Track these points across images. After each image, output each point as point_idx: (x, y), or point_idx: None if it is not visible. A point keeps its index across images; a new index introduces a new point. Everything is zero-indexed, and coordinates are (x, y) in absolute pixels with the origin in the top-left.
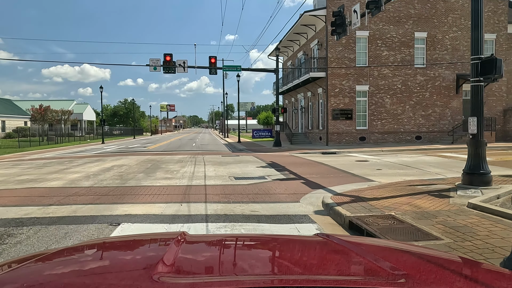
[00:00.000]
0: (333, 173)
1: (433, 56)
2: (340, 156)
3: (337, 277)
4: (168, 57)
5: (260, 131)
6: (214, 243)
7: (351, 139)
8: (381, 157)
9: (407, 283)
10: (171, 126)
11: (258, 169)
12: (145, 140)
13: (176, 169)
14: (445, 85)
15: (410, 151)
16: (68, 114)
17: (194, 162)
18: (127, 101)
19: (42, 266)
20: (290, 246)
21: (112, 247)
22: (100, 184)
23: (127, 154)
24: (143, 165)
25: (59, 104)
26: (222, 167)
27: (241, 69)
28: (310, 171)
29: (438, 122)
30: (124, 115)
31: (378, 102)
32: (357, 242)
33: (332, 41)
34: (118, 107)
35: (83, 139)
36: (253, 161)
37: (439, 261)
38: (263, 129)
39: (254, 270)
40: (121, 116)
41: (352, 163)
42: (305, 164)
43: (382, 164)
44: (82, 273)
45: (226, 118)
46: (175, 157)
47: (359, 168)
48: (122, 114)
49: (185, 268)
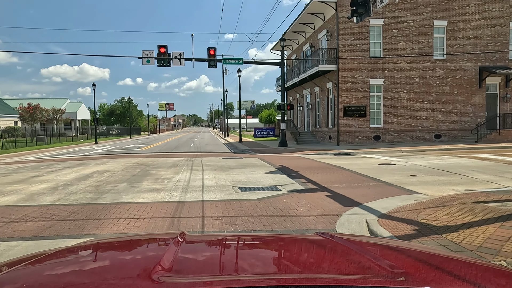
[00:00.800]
0: (360, 181)
1: (453, 47)
2: (357, 158)
3: (337, 275)
4: (162, 48)
5: (262, 130)
6: (214, 243)
7: (364, 138)
8: (405, 159)
9: (407, 282)
10: (170, 125)
11: (268, 176)
12: (141, 140)
13: (168, 177)
14: (467, 79)
15: (434, 152)
16: (60, 113)
17: (191, 167)
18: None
19: (42, 266)
20: (290, 245)
21: (111, 247)
22: (65, 201)
23: (117, 156)
24: (130, 171)
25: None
26: (223, 174)
27: (243, 61)
28: (331, 178)
29: (459, 119)
30: (121, 114)
31: (394, 98)
32: (357, 241)
33: (343, 30)
34: (115, 106)
35: (77, 139)
36: (259, 164)
37: (439, 259)
38: (266, 128)
39: (254, 269)
40: (118, 115)
41: (376, 167)
42: (322, 169)
43: (412, 168)
44: (82, 273)
45: (226, 117)
46: (170, 160)
47: (389, 174)
48: (119, 113)
49: (185, 267)
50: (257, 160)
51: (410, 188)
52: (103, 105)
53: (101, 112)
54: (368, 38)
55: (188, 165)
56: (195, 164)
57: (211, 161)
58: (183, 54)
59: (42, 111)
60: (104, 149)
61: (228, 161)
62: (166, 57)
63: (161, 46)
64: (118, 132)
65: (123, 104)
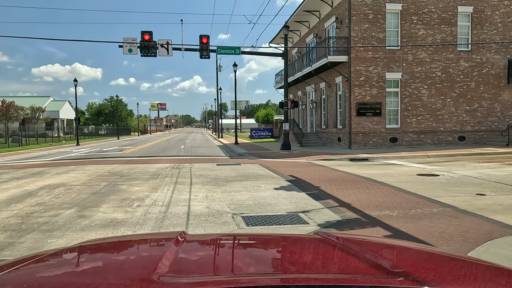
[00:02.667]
0: (414, 204)
1: (480, 36)
2: (381, 166)
3: (336, 275)
4: (146, 35)
5: (259, 131)
6: (214, 243)
7: (379, 140)
8: (442, 167)
9: (407, 281)
10: (161, 125)
11: (280, 195)
12: (129, 141)
13: (141, 195)
14: (494, 73)
15: (467, 158)
16: (40, 112)
17: (176, 178)
18: (113, 98)
19: (42, 266)
20: (290, 245)
21: (111, 247)
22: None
23: (90, 162)
24: (92, 186)
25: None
26: (218, 190)
27: (240, 51)
28: (369, 198)
29: (485, 119)
30: (110, 114)
31: (413, 94)
32: (357, 240)
33: (356, 15)
34: (104, 105)
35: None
36: (264, 175)
37: (439, 259)
38: (263, 129)
39: (254, 269)
40: (107, 114)
41: (417, 179)
42: (348, 183)
43: (467, 182)
44: (82, 273)
45: (220, 117)
46: (152, 167)
47: (444, 192)
48: (108, 113)
49: (185, 267)
50: (260, 167)
51: (497, 219)
52: (91, 104)
53: (89, 111)
54: (384, 25)
55: (173, 175)
56: (182, 173)
57: (202, 169)
58: (171, 42)
59: (18, 109)
60: (83, 152)
61: (224, 169)
62: (151, 45)
63: (145, 33)
64: (107, 132)
65: (112, 103)
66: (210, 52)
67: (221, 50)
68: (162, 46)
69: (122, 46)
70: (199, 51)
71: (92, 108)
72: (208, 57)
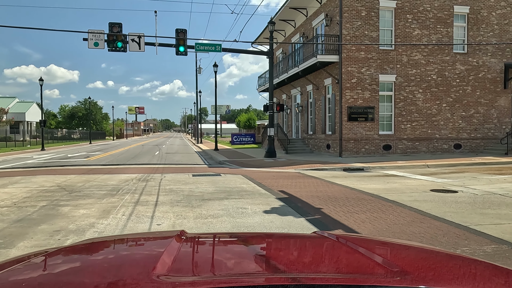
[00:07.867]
0: (454, 237)
1: (476, 38)
2: (382, 178)
3: (335, 274)
4: (116, 27)
5: (241, 136)
6: (214, 242)
7: (372, 147)
8: (453, 180)
9: (406, 280)
10: (139, 130)
11: (273, 222)
12: (101, 146)
13: (84, 224)
14: (491, 78)
15: (470, 168)
16: (3, 113)
17: (139, 195)
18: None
19: (42, 265)
20: (290, 244)
21: (111, 246)
22: None
23: (44, 171)
24: (23, 209)
25: None
26: (191, 214)
27: (221, 49)
28: (390, 228)
29: (482, 126)
30: (84, 117)
31: (407, 98)
32: (356, 239)
33: (348, 12)
34: (77, 107)
35: (22, 144)
36: (249, 190)
37: (439, 258)
38: (245, 134)
39: (254, 268)
40: (80, 118)
41: (433, 196)
42: (354, 202)
43: (494, 200)
44: (81, 272)
45: (200, 121)
46: (114, 179)
47: (478, 215)
48: (81, 116)
49: (185, 266)
50: (244, 179)
51: None
52: (64, 106)
53: (61, 114)
54: (377, 23)
55: (137, 190)
56: (149, 188)
57: (175, 182)
58: (144, 36)
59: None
60: (43, 158)
61: (201, 181)
62: (120, 39)
63: (113, 25)
64: (81, 136)
65: (86, 106)
66: (188, 48)
67: (200, 46)
68: (133, 41)
69: (87, 39)
70: (175, 46)
71: (64, 110)
72: (185, 53)
